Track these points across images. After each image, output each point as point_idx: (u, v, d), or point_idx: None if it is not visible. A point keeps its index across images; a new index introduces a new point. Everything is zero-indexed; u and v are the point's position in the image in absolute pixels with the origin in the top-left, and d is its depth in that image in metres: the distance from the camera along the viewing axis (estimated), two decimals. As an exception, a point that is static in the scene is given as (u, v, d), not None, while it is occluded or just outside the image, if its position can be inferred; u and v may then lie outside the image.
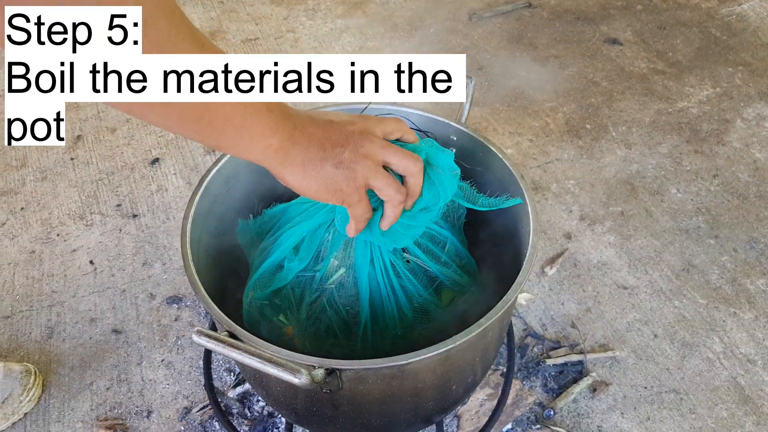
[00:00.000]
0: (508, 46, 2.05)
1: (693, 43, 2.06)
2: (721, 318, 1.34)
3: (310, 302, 0.78)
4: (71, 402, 1.20)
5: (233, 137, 0.53)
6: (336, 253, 0.78)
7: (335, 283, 0.77)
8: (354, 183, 0.61)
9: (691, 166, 1.66)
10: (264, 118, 0.54)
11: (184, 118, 0.50)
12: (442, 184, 0.72)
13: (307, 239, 0.78)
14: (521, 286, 0.70)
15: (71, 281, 1.40)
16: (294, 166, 0.58)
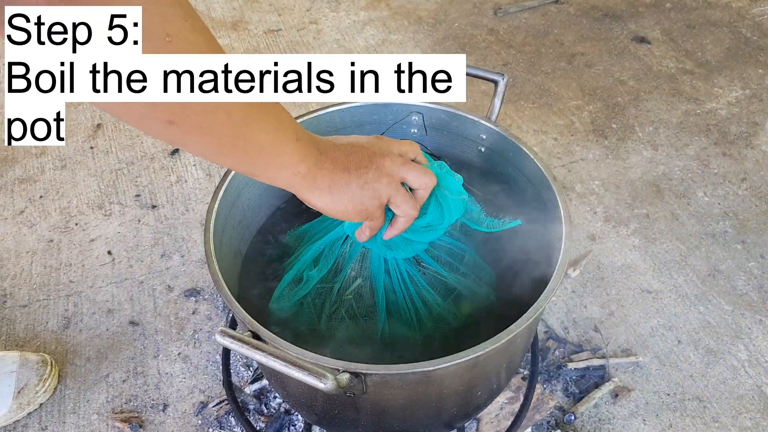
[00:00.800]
0: (533, 42, 2.01)
1: (723, 43, 2.01)
2: (746, 325, 1.31)
3: (330, 313, 0.77)
4: (87, 393, 1.19)
5: (265, 164, 0.57)
6: (352, 265, 0.79)
7: (353, 293, 0.77)
8: (378, 201, 0.65)
9: (718, 169, 1.63)
10: (293, 145, 0.57)
11: (222, 146, 0.52)
12: (449, 207, 0.74)
13: (326, 252, 0.80)
14: (554, 292, 0.68)
15: (89, 271, 1.40)
16: (321, 190, 0.61)
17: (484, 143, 0.90)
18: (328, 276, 0.79)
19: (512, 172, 0.88)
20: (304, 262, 0.80)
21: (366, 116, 0.92)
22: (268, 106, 0.55)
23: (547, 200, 0.82)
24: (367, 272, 0.78)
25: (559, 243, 0.77)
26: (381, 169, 0.64)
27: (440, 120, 0.91)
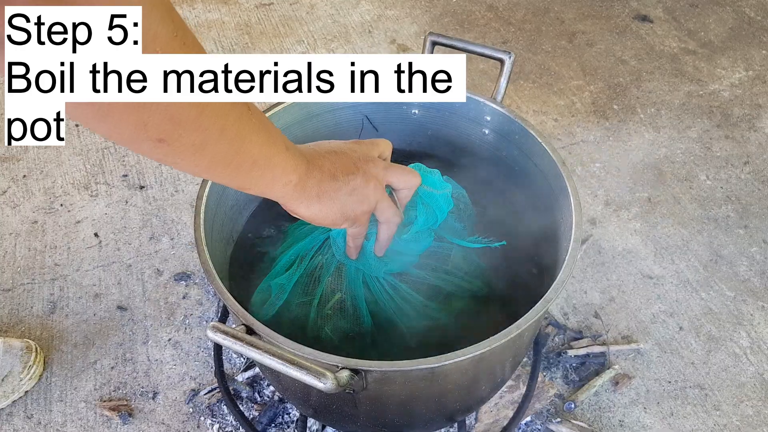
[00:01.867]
0: (533, 19, 1.96)
1: (726, 23, 1.96)
2: (748, 312, 1.29)
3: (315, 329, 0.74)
4: (74, 381, 1.16)
5: (258, 177, 0.56)
6: (329, 279, 0.76)
7: (332, 309, 0.74)
8: (367, 206, 0.65)
9: (721, 152, 1.59)
10: (284, 156, 0.57)
11: (215, 163, 0.51)
12: (437, 203, 0.72)
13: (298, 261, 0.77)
14: (564, 284, 0.65)
15: (75, 254, 1.35)
16: (310, 199, 0.60)
17: (488, 125, 0.86)
18: (307, 289, 0.75)
19: (518, 155, 0.84)
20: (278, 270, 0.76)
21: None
22: (259, 118, 0.54)
23: (555, 186, 0.79)
24: (344, 286, 0.74)
25: (567, 231, 0.74)
26: (367, 174, 0.64)
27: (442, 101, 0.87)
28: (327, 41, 1.88)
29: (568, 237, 0.71)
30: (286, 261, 0.77)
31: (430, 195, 0.73)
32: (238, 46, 1.86)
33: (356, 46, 1.86)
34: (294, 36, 1.90)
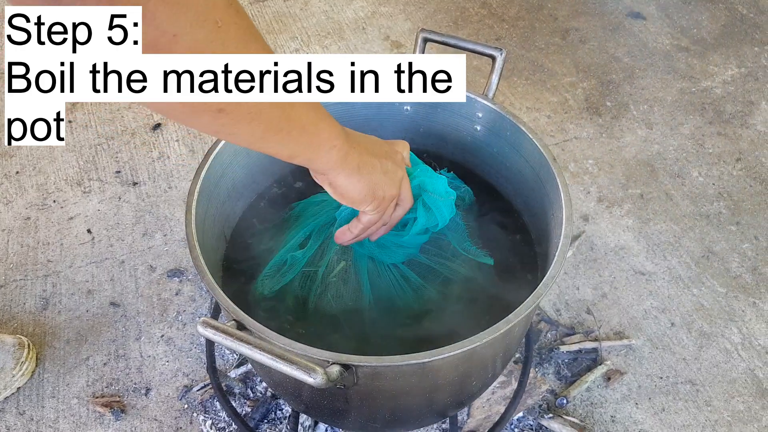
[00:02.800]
0: (527, 15, 1.96)
1: (718, 20, 1.97)
2: (740, 308, 1.30)
3: (316, 296, 0.75)
4: (66, 377, 1.16)
5: (306, 143, 0.58)
6: (336, 248, 0.78)
7: (337, 277, 0.75)
8: (396, 190, 0.68)
9: (713, 149, 1.60)
10: (328, 122, 0.59)
11: (268, 131, 0.53)
12: (439, 209, 0.74)
13: (314, 234, 0.79)
14: (554, 280, 0.65)
15: (68, 250, 1.35)
16: (350, 169, 0.62)
17: (479, 121, 0.86)
18: (314, 260, 0.77)
19: (509, 151, 0.85)
20: (292, 246, 0.77)
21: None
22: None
23: (546, 182, 0.79)
24: (350, 255, 0.78)
25: (558, 226, 0.74)
26: (398, 164, 0.68)
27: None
28: (321, 38, 1.88)
29: (558, 233, 0.71)
30: (301, 237, 0.80)
31: (433, 200, 0.75)
32: (231, 43, 1.85)
33: (350, 43, 1.86)
34: (288, 32, 1.90)
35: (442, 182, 0.76)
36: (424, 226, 0.75)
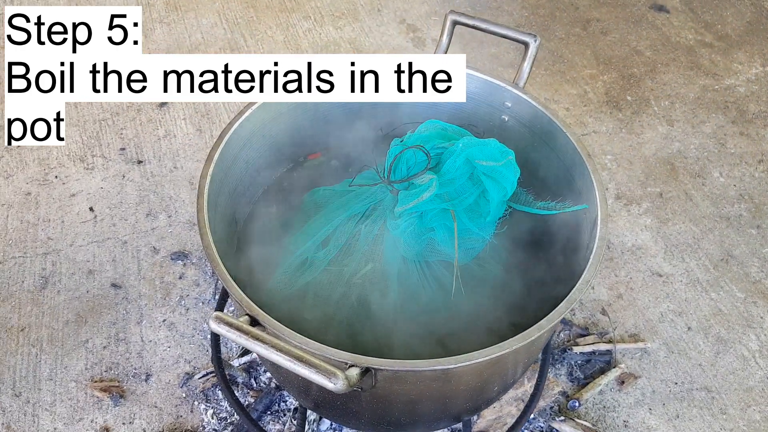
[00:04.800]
0: (547, 3, 1.90)
1: (744, 16, 1.91)
2: (758, 314, 1.26)
3: (339, 298, 0.70)
4: (65, 359, 1.12)
5: None
6: (365, 248, 0.74)
7: (363, 278, 0.70)
8: None
9: (735, 149, 1.55)
10: None
11: None
12: (502, 175, 0.71)
13: (338, 232, 0.75)
14: (588, 284, 0.61)
15: (69, 228, 1.31)
16: None
17: (508, 111, 0.82)
18: (338, 258, 0.71)
19: (539, 145, 0.80)
20: (312, 243, 0.72)
21: (380, 75, 0.83)
22: None
23: (578, 178, 0.75)
24: (380, 257, 0.72)
25: (589, 226, 0.70)
26: None
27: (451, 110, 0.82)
28: (335, 18, 1.83)
29: (589, 233, 0.67)
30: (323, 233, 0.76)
31: (492, 168, 0.70)
32: (242, 20, 1.80)
33: (364, 25, 1.81)
34: (301, 11, 1.84)
35: (492, 146, 0.71)
36: (497, 198, 0.71)
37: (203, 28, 1.76)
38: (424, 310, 0.73)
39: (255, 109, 0.77)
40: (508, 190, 0.74)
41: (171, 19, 1.79)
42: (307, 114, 0.82)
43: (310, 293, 0.72)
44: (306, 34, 1.78)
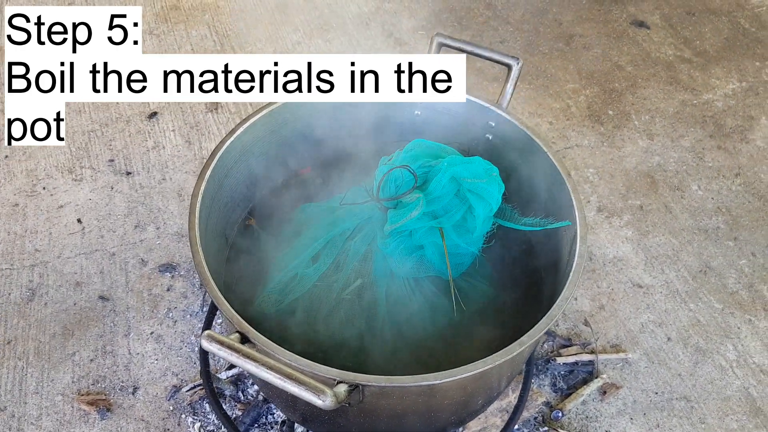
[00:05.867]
0: (531, 19, 1.94)
1: (721, 33, 1.96)
2: (736, 324, 1.29)
3: (327, 314, 0.72)
4: (51, 372, 1.12)
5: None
6: (355, 264, 0.76)
7: (352, 294, 0.72)
8: None
9: (713, 163, 1.59)
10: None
11: None
12: (486, 191, 0.72)
13: (327, 248, 0.76)
14: (568, 301, 0.63)
15: (56, 240, 1.31)
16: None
17: (492, 131, 0.84)
18: (327, 274, 0.73)
19: (521, 163, 0.83)
20: (302, 259, 0.74)
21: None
22: None
23: (558, 196, 0.77)
24: (369, 272, 0.73)
25: (569, 241, 0.72)
26: None
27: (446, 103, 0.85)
28: (323, 31, 1.85)
29: (570, 247, 0.70)
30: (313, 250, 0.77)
31: (477, 185, 0.72)
32: (232, 32, 1.82)
33: (352, 38, 1.83)
34: (290, 24, 1.86)
35: (477, 163, 0.73)
36: (483, 214, 0.72)
37: (193, 40, 1.78)
38: (412, 325, 0.74)
39: (246, 127, 0.79)
40: (494, 205, 0.75)
41: (161, 30, 1.80)
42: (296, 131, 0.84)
43: (300, 309, 0.73)
44: (295, 46, 1.80)
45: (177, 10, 1.87)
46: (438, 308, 0.76)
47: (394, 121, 0.90)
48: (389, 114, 0.89)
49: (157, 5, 1.87)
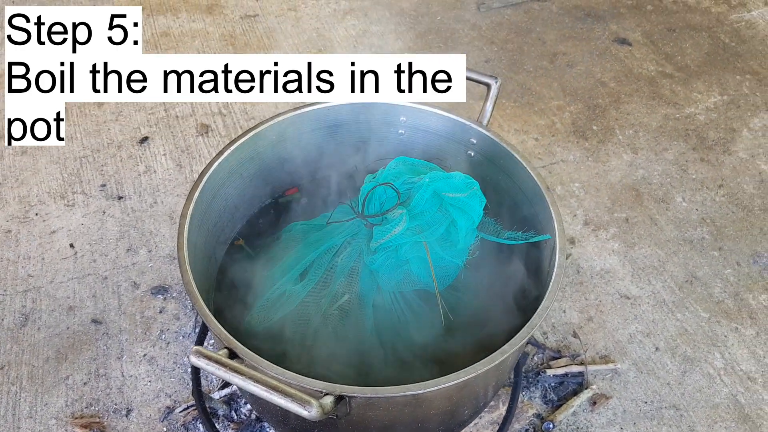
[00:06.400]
0: (515, 39, 1.98)
1: (702, 48, 2.01)
2: (722, 333, 1.31)
3: (315, 329, 0.73)
4: (45, 396, 1.13)
5: None
6: (342, 281, 0.77)
7: (339, 309, 0.74)
8: None
9: (696, 175, 1.62)
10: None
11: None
12: (468, 205, 0.74)
13: (315, 265, 0.75)
14: (547, 310, 0.65)
15: (49, 265, 1.32)
16: None
17: (474, 148, 0.87)
18: (315, 291, 0.75)
19: (502, 179, 0.85)
20: (290, 277, 0.76)
21: (351, 116, 0.88)
22: None
23: (539, 210, 0.79)
24: (356, 288, 0.75)
25: (550, 254, 0.74)
26: None
27: (428, 122, 0.87)
28: (311, 55, 1.88)
29: (550, 259, 0.72)
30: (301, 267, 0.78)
31: (458, 200, 0.73)
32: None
33: (340, 61, 1.87)
34: (278, 48, 1.90)
35: (457, 178, 0.75)
36: (465, 227, 0.74)
37: (182, 66, 1.81)
38: (399, 338, 0.76)
39: (233, 149, 0.81)
40: (475, 219, 0.78)
41: (150, 57, 1.83)
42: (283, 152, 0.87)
43: (289, 325, 0.75)
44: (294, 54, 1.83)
45: (167, 37, 1.91)
46: (424, 321, 0.77)
47: (378, 141, 0.92)
48: (374, 134, 0.92)
49: (147, 32, 1.91)
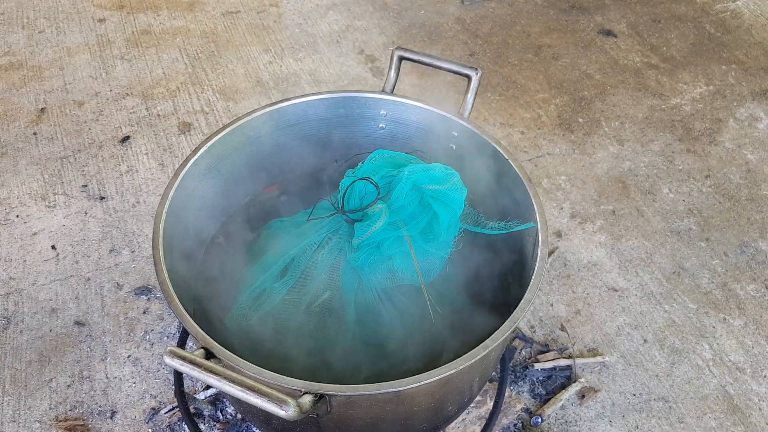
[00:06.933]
0: (500, 32, 1.97)
1: (687, 39, 2.01)
2: (710, 324, 1.31)
3: (297, 327, 0.72)
4: (28, 400, 1.11)
5: None
6: (323, 277, 0.76)
7: (321, 306, 0.72)
8: None
9: (683, 166, 1.62)
10: None
11: None
12: (448, 197, 0.72)
13: (295, 262, 0.74)
14: (530, 303, 0.64)
15: (31, 267, 1.30)
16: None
17: (455, 141, 0.86)
18: (295, 288, 0.74)
19: (484, 170, 0.84)
20: (270, 274, 0.74)
21: (331, 110, 0.87)
22: None
23: (521, 202, 0.78)
24: (337, 284, 0.74)
25: (533, 247, 0.73)
26: None
27: (409, 115, 0.86)
28: (294, 50, 1.87)
29: (533, 253, 0.71)
30: (281, 264, 0.77)
31: (438, 192, 0.72)
32: (203, 54, 1.83)
33: (324, 56, 1.85)
34: (261, 44, 1.88)
35: (437, 170, 0.74)
36: (447, 219, 0.73)
37: (164, 64, 1.79)
38: (382, 334, 0.75)
39: (210, 146, 0.80)
40: (457, 210, 0.77)
41: (132, 55, 1.81)
42: (262, 148, 0.85)
43: (270, 323, 0.74)
44: (266, 66, 1.82)
45: (148, 35, 1.88)
46: (408, 316, 0.76)
47: (359, 135, 0.91)
48: (354, 129, 0.91)
49: (127, 30, 1.88)
